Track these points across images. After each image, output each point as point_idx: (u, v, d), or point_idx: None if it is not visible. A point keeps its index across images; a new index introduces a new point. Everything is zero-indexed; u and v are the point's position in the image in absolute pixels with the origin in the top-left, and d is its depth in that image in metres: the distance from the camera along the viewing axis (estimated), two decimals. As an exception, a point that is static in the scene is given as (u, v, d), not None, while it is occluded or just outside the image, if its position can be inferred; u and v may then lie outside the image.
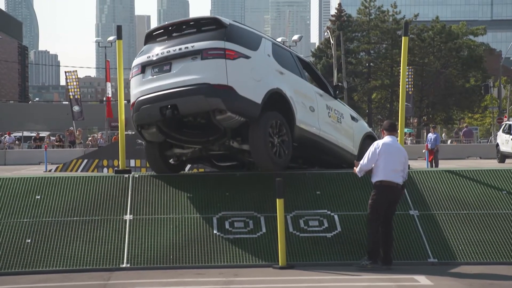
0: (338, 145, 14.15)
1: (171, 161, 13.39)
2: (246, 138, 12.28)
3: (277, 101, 12.45)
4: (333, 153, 14.14)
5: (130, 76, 12.86)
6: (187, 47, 11.96)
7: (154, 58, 12.27)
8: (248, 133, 12.15)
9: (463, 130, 59.66)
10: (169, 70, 12.06)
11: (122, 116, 13.33)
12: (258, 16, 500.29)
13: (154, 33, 12.89)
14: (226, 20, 12.34)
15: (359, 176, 11.60)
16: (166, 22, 13.29)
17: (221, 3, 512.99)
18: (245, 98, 11.83)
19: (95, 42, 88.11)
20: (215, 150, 13.01)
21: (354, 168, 11.58)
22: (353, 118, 15.19)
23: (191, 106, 11.83)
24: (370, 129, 16.07)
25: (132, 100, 12.58)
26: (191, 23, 12.51)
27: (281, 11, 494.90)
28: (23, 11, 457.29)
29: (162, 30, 12.80)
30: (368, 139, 15.10)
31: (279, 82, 12.56)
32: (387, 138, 11.33)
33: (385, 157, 11.10)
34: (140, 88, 12.39)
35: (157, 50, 12.32)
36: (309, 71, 14.72)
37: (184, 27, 12.52)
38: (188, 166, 17.16)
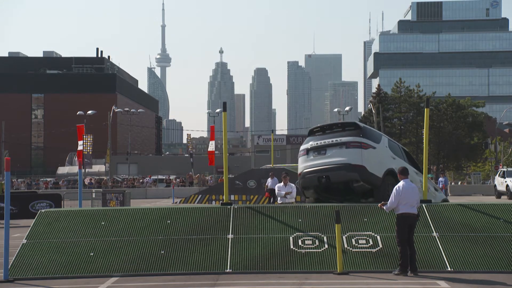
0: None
1: None
2: (371, 196, 13.40)
3: (391, 175, 13.34)
4: None
5: (299, 155, 14.20)
6: (337, 140, 13.29)
7: (315, 146, 13.54)
8: (373, 194, 13.24)
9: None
10: (325, 154, 13.35)
11: (226, 165, 13.41)
12: (321, 93, 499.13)
13: (314, 130, 14.12)
14: (361, 124, 13.78)
15: (387, 211, 11.50)
16: (322, 124, 14.80)
17: (295, 83, 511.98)
18: (372, 173, 13.02)
19: (207, 113, 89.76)
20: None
21: (379, 204, 11.44)
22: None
23: (338, 177, 13.08)
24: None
25: (299, 171, 13.90)
26: (338, 124, 13.86)
27: (337, 90, 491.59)
28: (159, 93, 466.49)
29: (319, 128, 14.06)
30: None
31: (392, 164, 13.62)
32: (403, 182, 11.10)
33: (405, 196, 10.93)
34: (305, 164, 13.67)
35: (316, 141, 13.58)
36: (408, 156, 15.32)
37: (334, 127, 13.80)
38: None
